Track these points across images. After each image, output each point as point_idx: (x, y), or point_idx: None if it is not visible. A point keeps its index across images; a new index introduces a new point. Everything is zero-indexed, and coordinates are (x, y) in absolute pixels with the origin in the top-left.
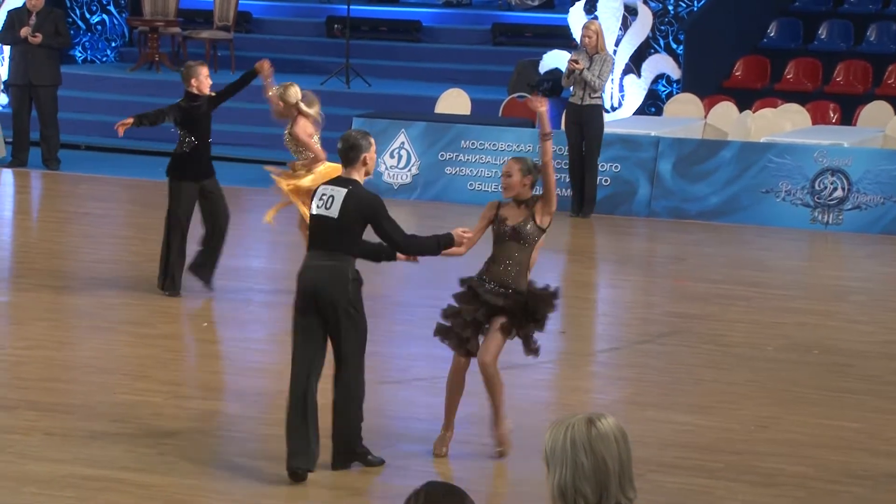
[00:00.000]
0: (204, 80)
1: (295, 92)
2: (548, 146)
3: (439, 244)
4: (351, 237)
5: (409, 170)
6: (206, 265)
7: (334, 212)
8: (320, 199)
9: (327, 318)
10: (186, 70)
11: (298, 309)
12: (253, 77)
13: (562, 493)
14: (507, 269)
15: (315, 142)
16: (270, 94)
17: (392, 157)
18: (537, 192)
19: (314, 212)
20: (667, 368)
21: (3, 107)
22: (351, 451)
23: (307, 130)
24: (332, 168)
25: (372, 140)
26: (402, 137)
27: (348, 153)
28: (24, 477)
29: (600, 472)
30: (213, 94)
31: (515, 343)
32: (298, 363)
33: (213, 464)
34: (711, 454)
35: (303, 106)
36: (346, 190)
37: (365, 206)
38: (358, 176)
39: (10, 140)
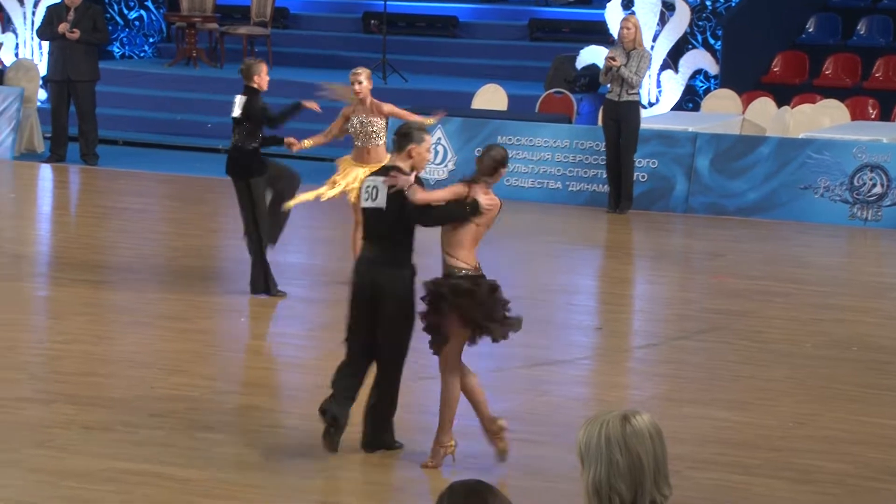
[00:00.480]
0: (265, 77)
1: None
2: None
3: (467, 210)
4: (404, 225)
5: (446, 165)
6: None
7: (381, 202)
8: (366, 191)
9: (379, 308)
10: (247, 67)
11: (355, 300)
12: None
13: (596, 490)
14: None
15: None
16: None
17: (429, 151)
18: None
19: (363, 205)
20: (704, 365)
21: (42, 102)
22: (381, 435)
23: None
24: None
25: (426, 137)
26: (438, 133)
27: (399, 140)
28: (63, 471)
29: (635, 470)
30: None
31: (551, 339)
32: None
33: (249, 458)
34: (749, 451)
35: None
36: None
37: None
38: (403, 164)
39: (49, 135)
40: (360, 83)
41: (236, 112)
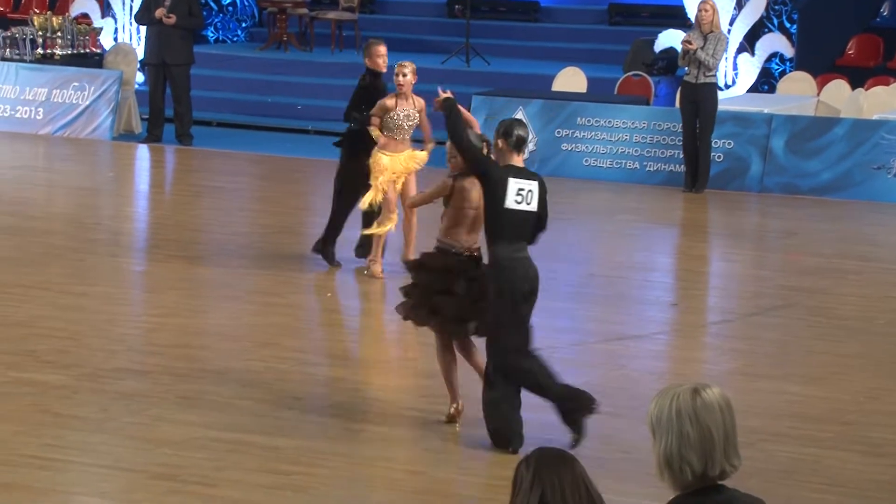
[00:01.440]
0: (375, 60)
1: None
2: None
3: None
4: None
5: (526, 146)
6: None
7: (534, 206)
8: (518, 194)
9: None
10: (367, 47)
11: (521, 299)
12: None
13: (668, 461)
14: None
15: None
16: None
17: None
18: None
19: (514, 206)
20: (778, 340)
21: (140, 85)
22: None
23: None
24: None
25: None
26: (519, 114)
27: (523, 144)
28: (159, 438)
29: (705, 441)
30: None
31: (628, 315)
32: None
33: (336, 428)
34: (821, 424)
35: None
36: (537, 182)
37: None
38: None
39: (146, 117)
40: (404, 76)
41: None
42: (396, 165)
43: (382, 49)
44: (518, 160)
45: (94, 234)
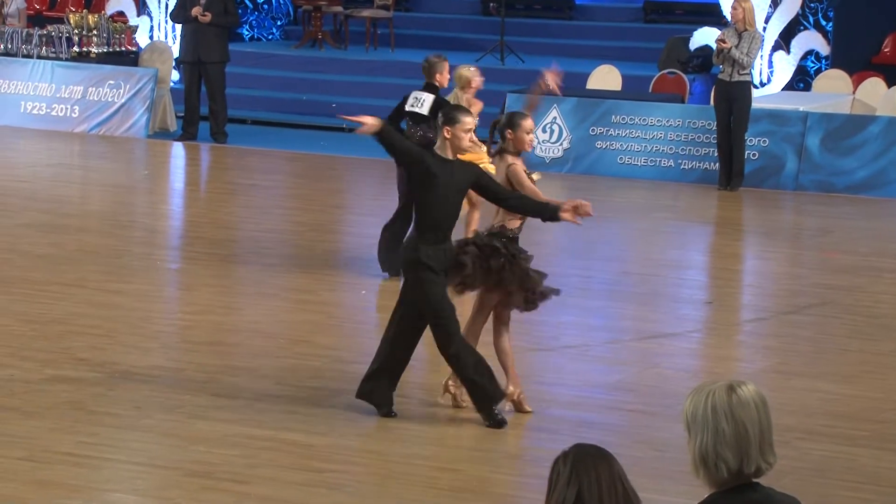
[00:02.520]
0: (446, 76)
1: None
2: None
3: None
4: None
5: (561, 144)
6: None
7: None
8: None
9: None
10: (430, 65)
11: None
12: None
13: (703, 457)
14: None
15: None
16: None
17: (544, 131)
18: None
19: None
20: (813, 338)
21: (175, 83)
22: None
23: None
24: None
25: (466, 119)
26: (554, 112)
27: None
28: (193, 435)
29: (741, 438)
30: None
31: (662, 313)
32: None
33: (369, 425)
34: (856, 423)
35: None
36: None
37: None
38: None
39: (181, 115)
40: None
41: (424, 109)
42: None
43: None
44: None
45: (129, 231)
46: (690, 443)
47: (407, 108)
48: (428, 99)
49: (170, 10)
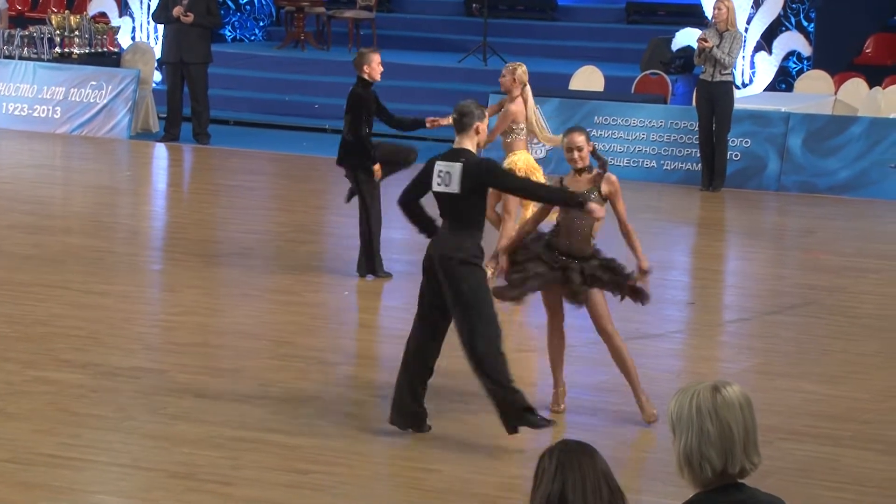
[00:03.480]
0: (376, 67)
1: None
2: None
3: (572, 198)
4: (475, 208)
5: (544, 146)
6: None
7: (455, 187)
8: (438, 175)
9: (439, 285)
10: (359, 57)
11: (423, 274)
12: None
13: (688, 458)
14: (571, 239)
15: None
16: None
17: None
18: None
19: (435, 189)
20: (796, 339)
21: (158, 84)
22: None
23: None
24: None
25: (485, 111)
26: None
27: (461, 120)
28: (176, 437)
29: (725, 439)
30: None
31: (645, 313)
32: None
33: (355, 427)
34: (839, 423)
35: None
36: (460, 164)
37: (482, 171)
38: (470, 144)
39: (164, 116)
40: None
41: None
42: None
43: (378, 57)
44: (461, 140)
45: (112, 233)
46: (675, 443)
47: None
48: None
49: (152, 11)
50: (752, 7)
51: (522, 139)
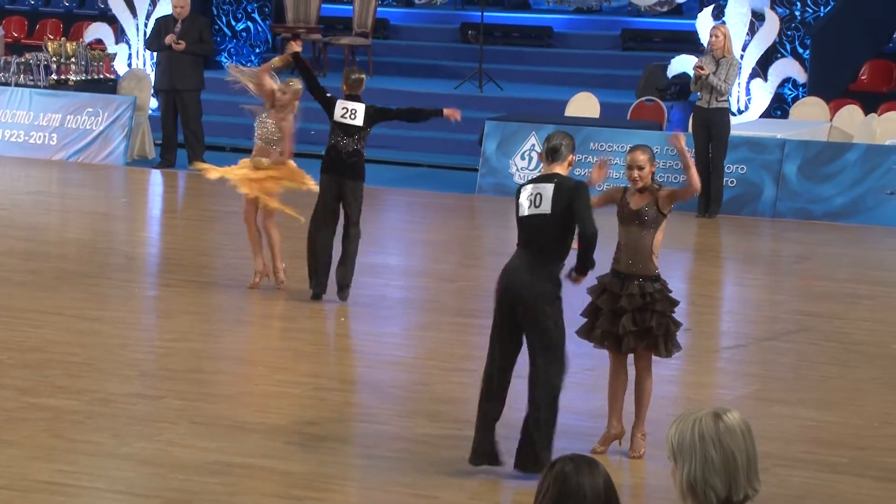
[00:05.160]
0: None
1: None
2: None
3: (587, 265)
4: (563, 233)
5: (540, 171)
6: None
7: (546, 208)
8: (528, 199)
9: (523, 317)
10: (362, 80)
11: (498, 306)
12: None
13: (691, 486)
14: (633, 256)
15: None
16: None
17: (523, 158)
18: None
19: (525, 213)
20: (792, 365)
21: (154, 110)
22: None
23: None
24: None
25: (573, 141)
26: (532, 140)
27: (551, 154)
28: (171, 463)
29: (729, 466)
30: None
31: None
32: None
33: (351, 453)
34: (836, 449)
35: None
36: (552, 184)
37: (570, 189)
38: (561, 170)
39: (160, 142)
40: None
41: (358, 120)
42: None
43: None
44: (551, 168)
45: (107, 258)
46: (677, 472)
47: (337, 118)
48: (360, 109)
49: (145, 39)
50: (747, 34)
51: None
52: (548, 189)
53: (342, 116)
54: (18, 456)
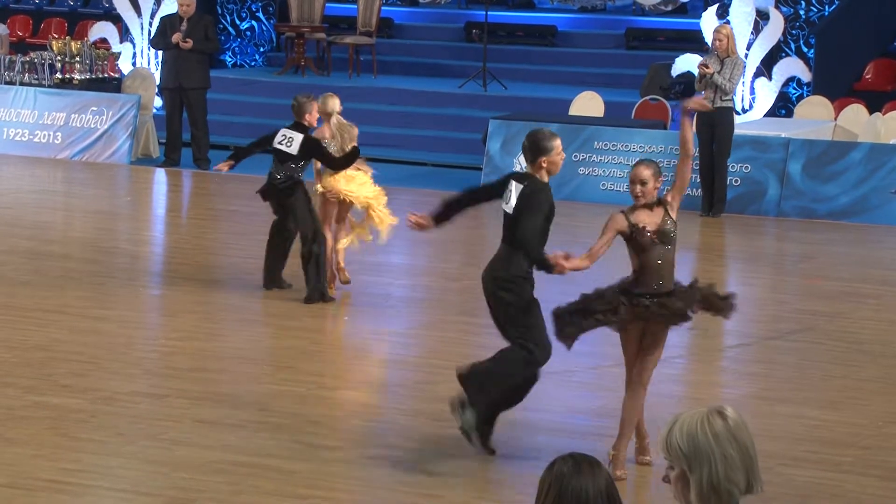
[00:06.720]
0: (315, 115)
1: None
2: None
3: (545, 264)
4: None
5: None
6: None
7: (510, 207)
8: (507, 193)
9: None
10: (299, 105)
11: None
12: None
13: (714, 487)
14: (661, 275)
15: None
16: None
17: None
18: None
19: (503, 208)
20: (796, 364)
21: (158, 109)
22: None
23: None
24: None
25: (555, 142)
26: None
27: (524, 153)
28: (175, 462)
29: (746, 459)
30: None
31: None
32: None
33: (355, 452)
34: (840, 449)
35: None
36: (522, 185)
37: (527, 195)
38: (534, 171)
39: (164, 141)
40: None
41: (293, 149)
42: None
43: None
44: (529, 167)
45: (111, 257)
46: (692, 476)
47: (275, 144)
48: (297, 138)
49: (150, 37)
50: (752, 33)
51: None
52: (518, 189)
53: (279, 143)
54: (22, 454)
